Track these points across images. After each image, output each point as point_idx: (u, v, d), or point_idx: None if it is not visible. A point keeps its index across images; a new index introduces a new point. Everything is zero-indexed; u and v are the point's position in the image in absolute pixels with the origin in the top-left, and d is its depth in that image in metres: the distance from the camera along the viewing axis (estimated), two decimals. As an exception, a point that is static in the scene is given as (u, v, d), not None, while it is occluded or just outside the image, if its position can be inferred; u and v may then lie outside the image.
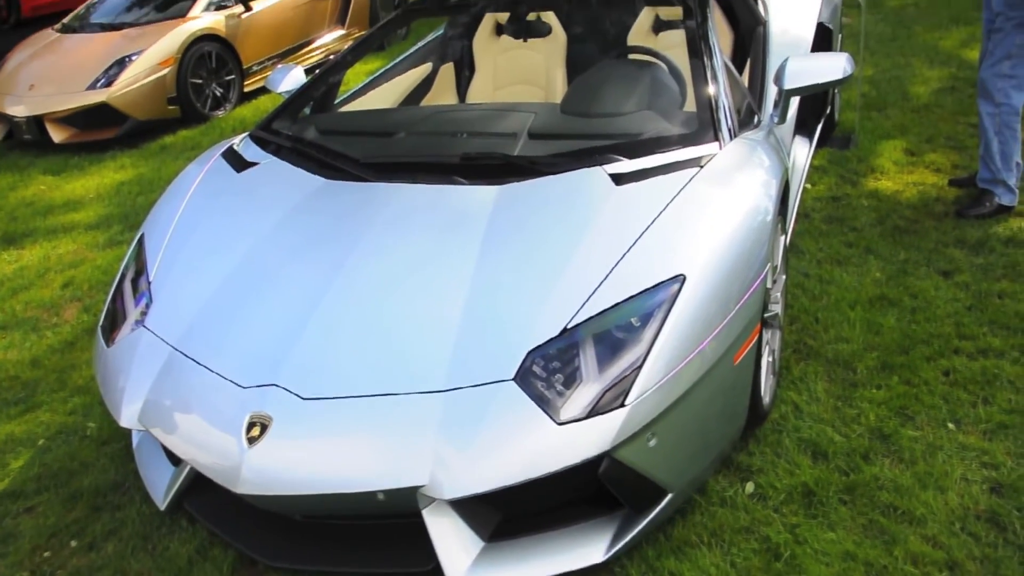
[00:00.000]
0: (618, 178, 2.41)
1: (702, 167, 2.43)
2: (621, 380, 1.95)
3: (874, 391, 2.75)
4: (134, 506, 2.54)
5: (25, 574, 2.36)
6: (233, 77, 7.00)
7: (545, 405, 1.93)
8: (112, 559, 2.36)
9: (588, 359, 1.98)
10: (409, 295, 2.21)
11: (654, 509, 2.09)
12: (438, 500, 1.93)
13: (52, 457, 2.84)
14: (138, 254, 2.70)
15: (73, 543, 2.45)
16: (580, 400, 1.93)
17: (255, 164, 2.91)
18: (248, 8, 7.14)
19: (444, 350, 2.05)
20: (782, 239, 2.84)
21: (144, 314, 2.45)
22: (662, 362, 1.98)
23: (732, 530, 2.25)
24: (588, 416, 1.91)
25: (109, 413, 2.37)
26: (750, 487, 2.40)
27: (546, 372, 1.97)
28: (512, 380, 1.97)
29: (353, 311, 2.20)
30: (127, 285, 2.62)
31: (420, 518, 1.97)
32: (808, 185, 4.34)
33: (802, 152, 3.89)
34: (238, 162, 2.95)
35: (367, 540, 2.13)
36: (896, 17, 7.85)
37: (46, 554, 2.42)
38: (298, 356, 2.11)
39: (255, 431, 2.00)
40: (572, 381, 1.96)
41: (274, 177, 2.83)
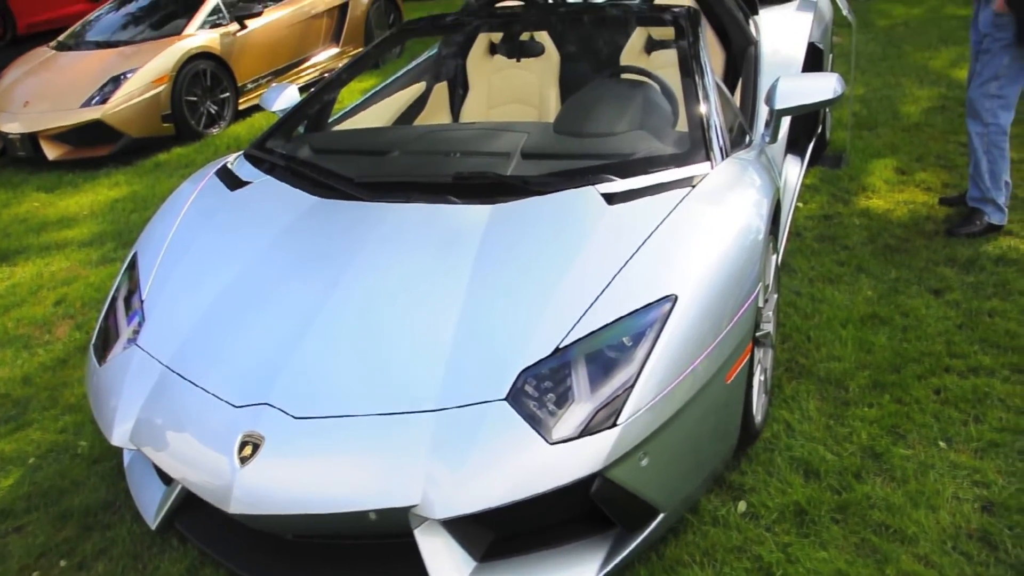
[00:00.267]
0: (610, 198, 2.43)
1: (694, 187, 2.44)
2: (613, 400, 1.95)
3: (866, 409, 2.76)
4: (125, 525, 2.53)
5: (14, 594, 2.35)
6: (228, 95, 7.02)
7: (537, 425, 1.93)
8: (102, 579, 2.35)
9: (580, 379, 1.99)
10: (402, 314, 2.21)
11: (646, 528, 2.09)
12: (430, 520, 1.93)
13: (42, 475, 2.82)
14: (131, 272, 2.70)
15: (63, 563, 2.44)
16: (572, 420, 1.93)
17: (249, 183, 2.92)
18: (243, 26, 7.18)
19: (436, 369, 2.06)
20: (774, 258, 2.86)
21: (137, 332, 2.45)
22: (654, 381, 1.98)
23: (724, 549, 2.25)
24: (580, 436, 1.91)
25: (100, 431, 2.36)
26: (742, 506, 2.40)
27: (538, 392, 1.98)
28: (504, 400, 1.97)
29: (346, 330, 2.20)
30: (120, 303, 2.62)
31: (412, 538, 1.97)
32: (800, 203, 4.37)
33: (794, 171, 3.92)
34: (232, 181, 2.96)
35: (359, 560, 2.12)
36: (886, 37, 7.92)
37: (35, 574, 2.41)
38: (290, 375, 2.11)
39: (247, 450, 2.00)
40: (564, 401, 1.96)
41: (268, 196, 2.84)
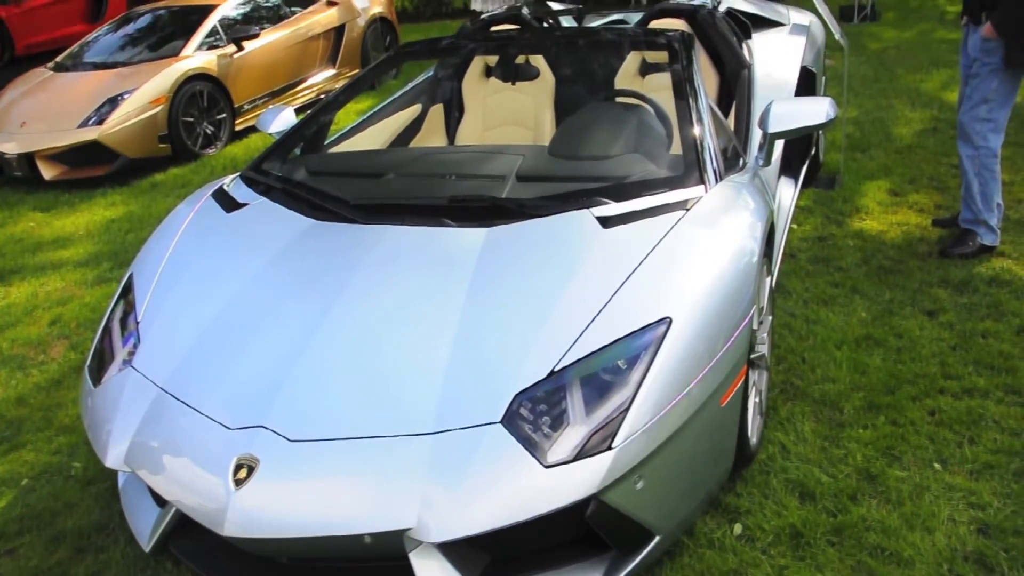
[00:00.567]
0: (605, 221, 2.44)
1: (688, 210, 2.46)
2: (608, 423, 1.95)
3: (861, 431, 2.77)
4: (118, 548, 2.51)
5: (6, 619, 2.34)
6: (224, 116, 7.05)
7: (532, 448, 1.93)
8: (95, 603, 2.34)
9: (575, 402, 1.99)
10: (397, 337, 2.22)
11: (642, 551, 2.08)
12: (425, 543, 1.92)
13: (36, 497, 2.81)
14: (126, 293, 2.69)
15: (55, 587, 2.42)
16: (567, 443, 1.94)
17: (245, 205, 2.93)
18: (240, 48, 7.22)
19: (432, 392, 2.06)
20: (768, 280, 2.87)
21: (132, 354, 2.45)
22: (649, 404, 1.99)
23: (720, 572, 2.25)
24: (575, 459, 1.91)
25: (94, 453, 2.35)
26: (738, 528, 2.39)
27: (533, 415, 1.98)
28: (499, 423, 1.97)
29: (341, 353, 2.20)
30: (115, 324, 2.62)
31: (407, 561, 1.96)
32: (794, 225, 4.39)
33: (788, 193, 3.94)
34: (228, 202, 2.97)
35: (354, 583, 2.11)
36: (878, 60, 8.00)
37: (27, 598, 2.40)
38: (286, 398, 2.11)
39: (242, 473, 1.99)
40: (559, 424, 1.96)
41: (263, 218, 2.84)
